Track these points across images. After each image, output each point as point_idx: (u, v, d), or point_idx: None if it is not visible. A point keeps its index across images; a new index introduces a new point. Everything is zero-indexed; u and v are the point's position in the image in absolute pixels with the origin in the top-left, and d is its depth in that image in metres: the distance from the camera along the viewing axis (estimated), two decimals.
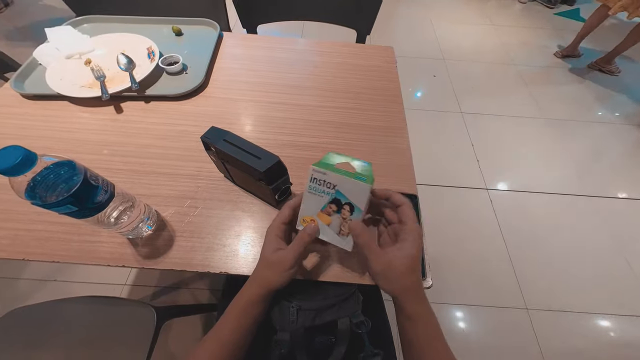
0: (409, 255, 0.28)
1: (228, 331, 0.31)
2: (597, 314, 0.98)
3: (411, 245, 0.28)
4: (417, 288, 0.29)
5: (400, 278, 0.28)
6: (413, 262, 0.28)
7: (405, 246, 0.28)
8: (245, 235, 0.41)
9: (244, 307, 0.31)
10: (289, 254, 0.30)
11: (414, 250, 0.28)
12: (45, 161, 0.26)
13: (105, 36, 0.63)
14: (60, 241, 0.38)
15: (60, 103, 0.53)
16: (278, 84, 0.61)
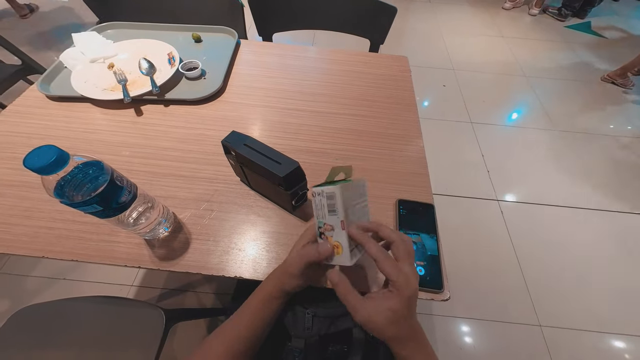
0: (390, 308, 0.26)
1: (244, 325, 0.31)
2: (613, 334, 0.94)
3: (397, 297, 0.26)
4: (401, 337, 0.27)
5: (383, 330, 0.27)
6: (395, 315, 0.26)
7: (389, 298, 0.27)
8: (261, 240, 0.41)
9: (261, 302, 0.31)
10: (295, 261, 0.30)
11: (397, 304, 0.26)
12: (75, 161, 0.26)
13: (128, 42, 0.65)
14: (79, 240, 0.39)
15: (84, 105, 0.55)
16: (293, 90, 0.62)
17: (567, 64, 1.96)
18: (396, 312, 0.26)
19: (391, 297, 0.27)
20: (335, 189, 0.28)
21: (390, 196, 0.46)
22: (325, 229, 0.30)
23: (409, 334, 0.28)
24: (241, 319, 0.31)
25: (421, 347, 0.28)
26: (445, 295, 0.37)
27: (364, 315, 0.27)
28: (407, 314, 0.27)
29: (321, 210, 0.30)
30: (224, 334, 0.31)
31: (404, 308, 0.26)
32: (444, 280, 0.38)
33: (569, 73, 1.88)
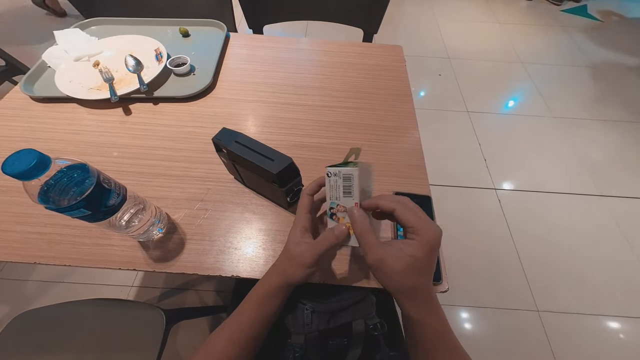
0: (410, 254, 0.25)
1: (246, 321, 0.30)
2: (610, 316, 0.96)
3: (418, 244, 0.25)
4: (415, 292, 0.26)
5: (395, 277, 0.25)
6: (416, 263, 0.25)
7: (409, 244, 0.25)
8: (257, 238, 0.40)
9: (263, 297, 0.30)
10: (310, 251, 0.28)
11: (419, 251, 0.25)
12: (58, 164, 0.25)
13: (113, 38, 0.63)
14: (71, 244, 0.38)
15: (69, 105, 0.53)
16: (286, 84, 0.60)
17: (564, 49, 1.94)
18: (418, 259, 0.24)
19: (412, 244, 0.25)
20: (353, 171, 0.27)
21: (387, 189, 0.45)
22: (338, 209, 0.29)
23: (425, 290, 0.26)
24: (243, 316, 0.30)
25: (436, 310, 0.27)
26: (444, 286, 0.37)
27: (379, 256, 0.25)
28: (428, 265, 0.25)
29: (336, 191, 0.29)
30: (226, 331, 0.31)
31: (427, 258, 0.25)
32: (443, 272, 0.38)
33: (566, 58, 1.87)
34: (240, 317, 0.30)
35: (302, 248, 0.29)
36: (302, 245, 0.29)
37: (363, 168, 0.29)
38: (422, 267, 0.25)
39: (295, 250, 0.29)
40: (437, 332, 0.27)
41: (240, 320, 0.30)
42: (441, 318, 0.27)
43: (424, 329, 0.27)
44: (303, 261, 0.28)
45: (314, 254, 0.28)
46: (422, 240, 0.25)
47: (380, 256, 0.26)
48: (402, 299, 0.26)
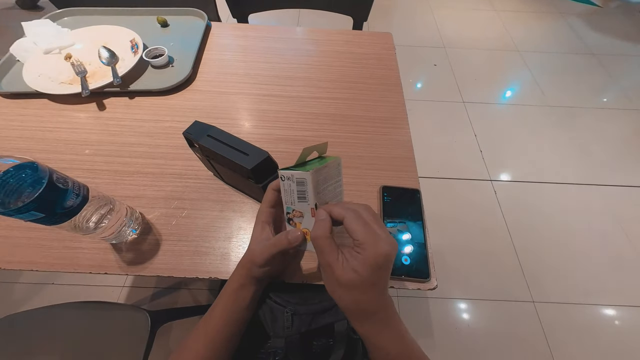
0: (353, 268, 0.23)
1: (217, 320, 0.30)
2: (604, 305, 0.96)
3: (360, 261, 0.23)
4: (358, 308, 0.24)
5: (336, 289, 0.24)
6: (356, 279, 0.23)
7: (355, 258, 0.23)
8: (237, 237, 0.38)
9: (231, 292, 0.30)
10: (261, 252, 0.28)
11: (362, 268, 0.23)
12: (2, 164, 0.23)
13: (86, 29, 0.60)
14: (38, 248, 0.36)
15: (40, 101, 0.50)
16: (270, 75, 0.57)
17: (562, 36, 1.90)
18: (361, 276, 0.23)
19: (357, 258, 0.23)
20: (306, 175, 0.25)
21: (374, 183, 0.43)
22: (294, 215, 0.28)
23: (370, 309, 0.24)
24: (214, 314, 0.30)
25: (386, 329, 0.25)
26: (432, 284, 0.35)
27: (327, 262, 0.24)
28: (371, 283, 0.23)
29: (290, 195, 0.27)
30: (199, 332, 0.30)
31: (370, 276, 0.23)
32: (431, 268, 0.36)
33: (564, 46, 1.83)
34: (212, 316, 0.30)
35: (256, 246, 0.29)
36: (259, 243, 0.29)
37: (326, 166, 0.27)
38: (365, 285, 0.23)
39: (252, 246, 0.29)
40: (388, 351, 0.25)
41: (212, 319, 0.30)
42: (393, 335, 0.25)
43: (375, 349, 0.25)
44: (254, 259, 0.28)
45: (265, 255, 0.28)
46: (366, 256, 0.23)
47: (328, 262, 0.24)
48: (350, 318, 0.25)
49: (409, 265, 0.36)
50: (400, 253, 0.37)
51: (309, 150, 0.27)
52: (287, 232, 0.28)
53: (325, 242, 0.24)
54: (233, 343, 0.30)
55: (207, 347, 0.29)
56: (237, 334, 0.31)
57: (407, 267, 0.36)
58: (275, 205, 0.30)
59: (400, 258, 0.36)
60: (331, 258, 0.24)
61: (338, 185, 0.29)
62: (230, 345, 0.30)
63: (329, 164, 0.27)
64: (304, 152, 0.26)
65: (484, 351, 0.88)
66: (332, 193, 0.29)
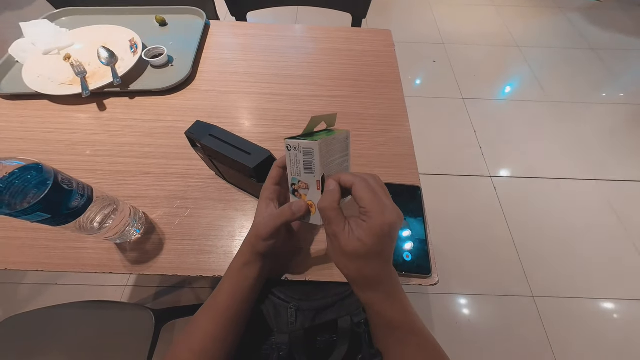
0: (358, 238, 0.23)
1: (224, 296, 0.29)
2: (604, 299, 0.97)
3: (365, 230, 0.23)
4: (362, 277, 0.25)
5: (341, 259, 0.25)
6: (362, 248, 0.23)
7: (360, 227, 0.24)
8: (240, 235, 0.39)
9: (237, 268, 0.30)
10: (266, 224, 0.28)
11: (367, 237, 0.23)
12: (7, 165, 0.23)
13: (84, 29, 0.59)
14: (43, 249, 0.36)
15: (40, 102, 0.51)
16: (270, 73, 0.57)
17: (561, 31, 1.89)
18: (365, 245, 0.23)
19: (362, 227, 0.23)
20: (313, 145, 0.24)
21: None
22: (300, 186, 0.27)
23: (374, 277, 0.25)
24: (221, 291, 0.30)
25: (389, 297, 0.25)
26: (433, 279, 0.36)
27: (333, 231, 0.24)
28: (376, 253, 0.24)
29: (296, 166, 0.26)
30: (208, 310, 0.30)
31: (375, 244, 0.23)
32: (432, 264, 0.36)
33: (563, 41, 1.82)
34: (219, 294, 0.30)
35: (261, 220, 0.28)
36: (264, 217, 0.28)
37: (334, 138, 0.26)
38: (369, 254, 0.24)
39: (256, 220, 0.29)
40: (392, 318, 0.26)
41: (219, 297, 0.30)
42: (396, 304, 0.26)
43: (378, 315, 0.26)
44: (258, 233, 0.28)
45: (269, 227, 0.27)
46: (371, 224, 0.23)
47: (334, 232, 0.24)
48: (353, 287, 0.26)
49: (411, 261, 0.37)
50: (401, 249, 0.37)
51: (317, 120, 0.26)
52: (292, 203, 0.28)
53: (333, 213, 0.24)
54: (240, 323, 0.30)
55: (215, 324, 0.29)
56: (243, 315, 0.30)
57: (408, 263, 0.36)
58: (279, 183, 0.30)
59: (402, 254, 0.37)
60: (338, 228, 0.24)
61: (345, 160, 0.29)
62: (236, 325, 0.30)
63: (336, 136, 0.27)
64: (312, 121, 0.25)
65: (485, 346, 0.89)
66: (340, 167, 0.28)
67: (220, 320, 0.29)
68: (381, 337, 0.28)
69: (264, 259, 0.30)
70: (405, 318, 0.26)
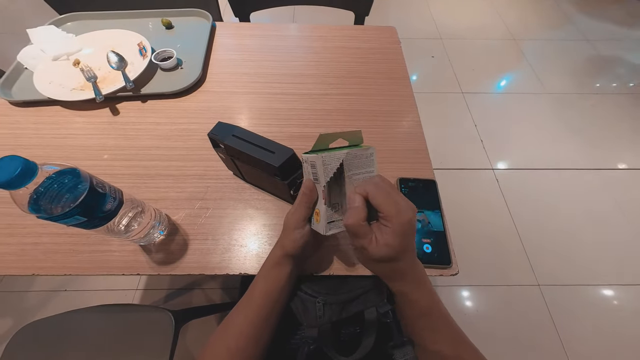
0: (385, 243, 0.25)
1: (257, 295, 0.31)
2: (608, 285, 0.99)
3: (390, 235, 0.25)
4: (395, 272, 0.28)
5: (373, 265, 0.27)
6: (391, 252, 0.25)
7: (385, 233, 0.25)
8: (262, 233, 0.39)
9: (269, 268, 0.32)
10: (293, 215, 0.30)
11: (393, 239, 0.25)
12: (46, 170, 0.24)
13: (91, 34, 0.59)
14: (69, 253, 0.37)
15: (53, 108, 0.51)
16: (279, 73, 0.58)
17: (555, 23, 1.91)
18: (394, 248, 0.25)
19: (387, 232, 0.25)
20: (315, 158, 0.27)
21: (390, 175, 0.44)
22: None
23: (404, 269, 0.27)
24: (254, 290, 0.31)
25: (419, 285, 0.28)
26: (454, 270, 0.37)
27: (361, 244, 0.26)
28: (403, 249, 0.26)
29: (308, 177, 0.30)
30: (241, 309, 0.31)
31: (401, 243, 0.25)
32: (452, 255, 0.37)
33: (558, 32, 1.84)
34: (252, 295, 0.31)
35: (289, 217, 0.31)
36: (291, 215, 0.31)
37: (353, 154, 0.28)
38: (398, 254, 0.26)
39: (286, 218, 0.31)
40: (422, 305, 0.28)
41: (252, 297, 0.31)
42: (425, 292, 0.28)
43: (410, 303, 0.28)
44: (290, 226, 0.30)
45: (296, 216, 0.30)
46: (394, 228, 0.25)
47: (362, 245, 0.26)
48: (385, 280, 0.29)
49: (431, 253, 0.38)
50: (421, 242, 0.38)
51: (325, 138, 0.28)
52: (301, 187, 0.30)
53: (360, 229, 0.26)
54: (273, 322, 0.31)
55: (249, 323, 0.30)
56: (276, 314, 0.32)
57: (428, 254, 0.37)
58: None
59: (422, 247, 0.38)
60: (365, 241, 0.26)
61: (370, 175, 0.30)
62: (270, 323, 0.31)
63: (357, 152, 0.28)
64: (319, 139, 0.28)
65: (492, 336, 0.91)
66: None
67: (255, 319, 0.30)
68: (412, 325, 0.30)
69: (294, 259, 0.31)
70: (433, 304, 0.29)
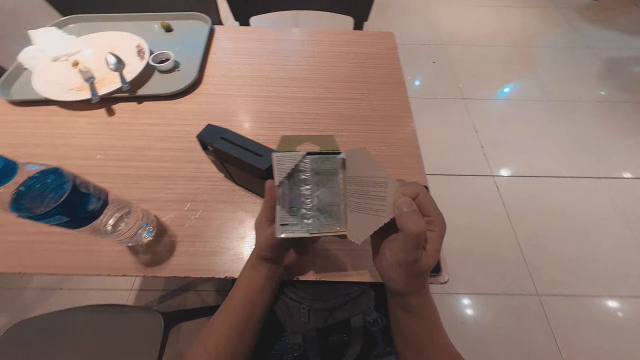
0: (436, 249, 0.24)
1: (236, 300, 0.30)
2: (609, 296, 0.97)
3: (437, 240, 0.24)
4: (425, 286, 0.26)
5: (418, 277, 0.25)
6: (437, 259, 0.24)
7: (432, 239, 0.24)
8: (250, 236, 0.39)
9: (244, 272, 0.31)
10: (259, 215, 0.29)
11: (439, 245, 0.24)
12: (28, 170, 0.24)
13: (92, 36, 0.60)
14: (56, 252, 0.37)
15: (50, 108, 0.51)
16: (275, 77, 0.58)
17: (559, 30, 1.91)
18: (439, 252, 0.24)
19: (434, 238, 0.24)
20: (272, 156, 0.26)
21: None
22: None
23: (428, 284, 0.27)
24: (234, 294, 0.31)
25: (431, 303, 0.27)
26: (443, 278, 0.36)
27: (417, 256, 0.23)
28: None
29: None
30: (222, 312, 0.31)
31: (440, 248, 0.24)
32: (442, 263, 0.37)
33: (561, 40, 1.84)
34: (231, 298, 0.31)
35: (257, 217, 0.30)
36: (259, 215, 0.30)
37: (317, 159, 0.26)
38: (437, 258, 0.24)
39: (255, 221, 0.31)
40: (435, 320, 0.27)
41: (231, 300, 0.31)
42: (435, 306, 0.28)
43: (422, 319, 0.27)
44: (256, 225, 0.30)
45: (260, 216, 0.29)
46: (439, 232, 0.24)
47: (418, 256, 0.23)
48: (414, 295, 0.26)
49: None
50: None
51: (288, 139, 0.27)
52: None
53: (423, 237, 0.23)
54: (254, 324, 0.31)
55: (229, 325, 0.30)
56: (257, 315, 0.31)
57: None
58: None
59: None
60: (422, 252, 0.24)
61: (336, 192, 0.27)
62: (251, 325, 0.30)
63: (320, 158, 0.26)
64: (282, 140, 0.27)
65: (491, 345, 0.89)
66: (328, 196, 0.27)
67: (234, 320, 0.30)
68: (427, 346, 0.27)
69: (268, 261, 0.30)
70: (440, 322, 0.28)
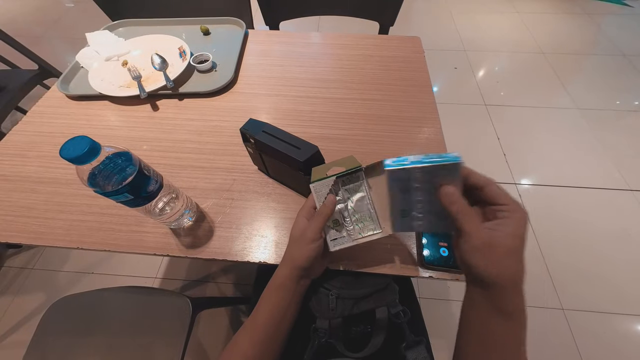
0: (514, 234, 0.22)
1: (261, 319, 0.31)
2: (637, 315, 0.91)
3: (516, 225, 0.22)
4: (519, 278, 0.23)
5: (503, 260, 0.22)
6: (520, 245, 0.22)
7: (509, 223, 0.22)
8: (282, 226, 0.41)
9: (274, 289, 0.31)
10: (310, 226, 0.30)
11: (521, 230, 0.22)
12: (106, 151, 0.27)
13: (139, 38, 0.66)
14: (109, 231, 0.41)
15: (101, 103, 0.56)
16: (304, 77, 0.61)
17: (589, 37, 1.84)
18: (523, 240, 0.22)
19: (511, 224, 0.22)
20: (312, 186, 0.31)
21: None
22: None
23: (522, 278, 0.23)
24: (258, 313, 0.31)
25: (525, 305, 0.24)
26: None
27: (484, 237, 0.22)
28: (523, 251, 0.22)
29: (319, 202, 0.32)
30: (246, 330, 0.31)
31: (524, 234, 0.22)
32: None
33: (591, 47, 1.77)
34: (256, 315, 0.31)
35: (303, 228, 0.30)
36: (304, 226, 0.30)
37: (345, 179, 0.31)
38: (523, 250, 0.23)
39: (297, 233, 0.31)
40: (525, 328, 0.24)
41: (256, 318, 0.31)
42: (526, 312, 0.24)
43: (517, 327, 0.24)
44: (306, 239, 0.30)
45: (313, 228, 0.29)
46: (519, 217, 0.22)
47: (489, 235, 0.22)
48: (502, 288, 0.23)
49: (447, 257, 0.38)
50: (438, 245, 0.38)
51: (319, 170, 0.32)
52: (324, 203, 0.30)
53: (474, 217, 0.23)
54: (278, 341, 0.31)
55: (253, 345, 0.30)
56: (282, 332, 0.31)
57: (445, 258, 0.37)
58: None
59: (439, 250, 0.38)
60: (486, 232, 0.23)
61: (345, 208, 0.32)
62: (275, 343, 0.31)
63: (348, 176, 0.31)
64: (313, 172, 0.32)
65: None
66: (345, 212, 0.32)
67: (259, 339, 0.30)
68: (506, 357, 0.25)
69: (303, 272, 0.31)
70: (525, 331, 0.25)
